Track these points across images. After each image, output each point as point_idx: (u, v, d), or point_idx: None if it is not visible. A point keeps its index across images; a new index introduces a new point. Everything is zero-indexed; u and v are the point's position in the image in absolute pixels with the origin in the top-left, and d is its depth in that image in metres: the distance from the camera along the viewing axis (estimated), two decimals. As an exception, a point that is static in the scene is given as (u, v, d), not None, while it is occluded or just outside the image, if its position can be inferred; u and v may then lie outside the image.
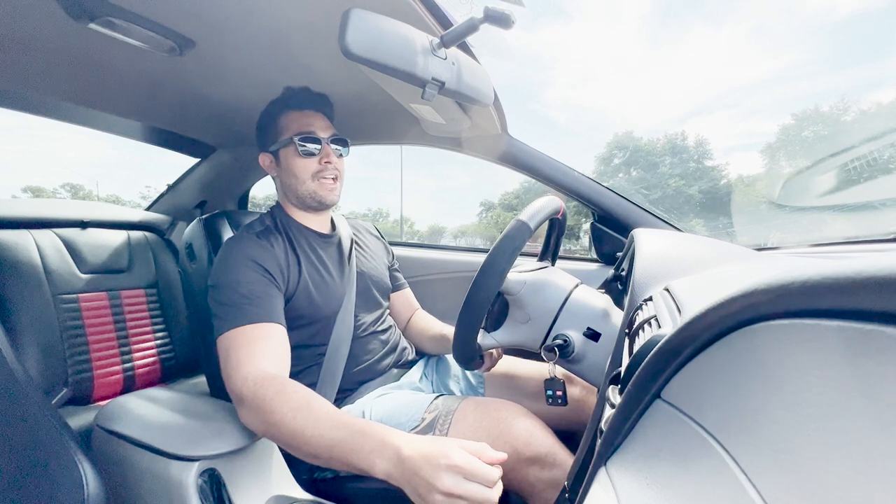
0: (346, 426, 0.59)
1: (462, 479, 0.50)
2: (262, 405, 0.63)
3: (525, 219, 0.71)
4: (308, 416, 0.61)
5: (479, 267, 0.68)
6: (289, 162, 0.91)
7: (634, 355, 0.36)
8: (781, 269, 0.20)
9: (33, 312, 1.09)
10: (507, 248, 0.67)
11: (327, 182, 0.92)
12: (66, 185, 54.22)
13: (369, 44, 0.54)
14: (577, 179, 1.19)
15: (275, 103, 0.93)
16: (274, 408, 0.62)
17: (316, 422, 0.60)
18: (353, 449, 0.57)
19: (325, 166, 0.91)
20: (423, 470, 0.51)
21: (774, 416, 0.20)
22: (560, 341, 0.72)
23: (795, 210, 0.96)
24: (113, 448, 0.70)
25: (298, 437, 0.60)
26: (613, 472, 0.32)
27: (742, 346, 0.23)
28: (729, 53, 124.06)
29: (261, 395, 0.64)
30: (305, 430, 0.60)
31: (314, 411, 0.62)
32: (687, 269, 0.53)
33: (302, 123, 0.90)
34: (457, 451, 0.52)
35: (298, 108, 0.92)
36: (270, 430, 0.64)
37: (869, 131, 0.82)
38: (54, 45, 0.76)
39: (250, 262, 0.80)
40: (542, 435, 0.72)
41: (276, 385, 0.65)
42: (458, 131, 1.17)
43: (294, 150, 0.89)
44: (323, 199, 0.93)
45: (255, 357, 0.70)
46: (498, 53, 0.76)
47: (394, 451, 0.55)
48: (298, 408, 0.62)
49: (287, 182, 0.93)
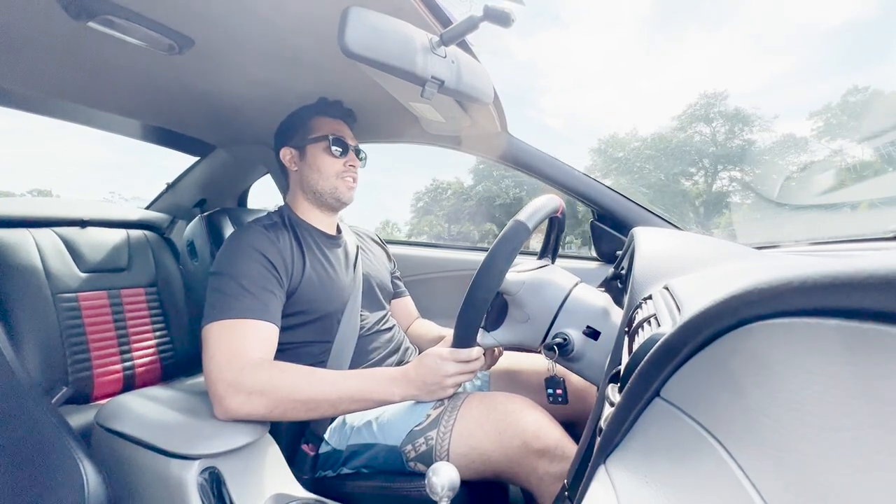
0: (353, 376, 0.75)
1: (456, 367, 0.74)
2: (268, 384, 0.69)
3: (523, 219, 0.70)
4: (317, 380, 0.72)
5: (478, 266, 0.68)
6: (317, 158, 0.96)
7: (634, 354, 0.36)
8: (781, 267, 0.20)
9: (33, 311, 1.09)
10: (505, 249, 0.67)
11: (347, 181, 0.98)
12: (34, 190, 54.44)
13: (368, 42, 0.54)
14: (577, 178, 1.19)
15: (309, 107, 1.01)
16: (282, 383, 0.70)
17: (326, 382, 0.72)
18: (370, 389, 0.73)
19: (349, 169, 0.98)
20: (430, 377, 0.74)
21: (773, 414, 0.20)
22: (560, 340, 0.72)
23: (795, 209, 0.96)
24: (113, 447, 0.70)
25: (316, 399, 0.70)
26: (613, 469, 0.32)
27: (741, 344, 0.23)
28: (722, 62, 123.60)
29: (263, 376, 0.69)
30: (322, 391, 0.71)
31: (319, 374, 0.73)
32: (686, 267, 0.53)
33: (334, 128, 0.98)
34: (442, 358, 0.74)
35: (332, 116, 1.00)
36: (281, 406, 0.69)
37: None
38: (53, 44, 0.76)
39: (255, 253, 0.81)
40: (551, 427, 0.72)
41: (276, 366, 0.73)
42: (458, 130, 1.17)
43: (325, 147, 0.95)
44: (341, 196, 0.97)
45: (250, 349, 0.72)
46: (497, 55, 0.77)
47: (402, 377, 0.75)
48: (305, 376, 0.72)
49: (308, 176, 0.96)
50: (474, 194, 35.74)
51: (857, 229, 0.90)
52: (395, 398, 0.75)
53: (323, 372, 0.75)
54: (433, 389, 0.75)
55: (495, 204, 33.74)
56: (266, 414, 0.69)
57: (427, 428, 0.75)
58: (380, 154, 12.00)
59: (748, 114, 30.89)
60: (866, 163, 2.38)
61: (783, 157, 31.51)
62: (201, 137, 1.38)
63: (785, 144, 31.38)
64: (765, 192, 1.05)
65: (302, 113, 1.00)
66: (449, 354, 0.74)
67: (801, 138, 31.52)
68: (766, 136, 31.08)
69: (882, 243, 0.82)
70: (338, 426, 0.83)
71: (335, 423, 0.84)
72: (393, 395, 0.74)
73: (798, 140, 31.44)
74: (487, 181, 30.71)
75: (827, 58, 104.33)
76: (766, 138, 31.02)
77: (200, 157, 1.54)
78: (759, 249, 0.99)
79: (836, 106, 31.32)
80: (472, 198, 35.92)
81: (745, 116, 30.85)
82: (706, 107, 31.52)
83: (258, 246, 0.82)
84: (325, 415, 0.73)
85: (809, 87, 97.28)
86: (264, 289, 0.78)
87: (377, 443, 0.77)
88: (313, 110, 0.99)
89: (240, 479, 0.67)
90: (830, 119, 31.43)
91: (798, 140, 31.44)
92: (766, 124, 30.88)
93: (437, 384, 0.74)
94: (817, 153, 31.20)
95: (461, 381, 0.76)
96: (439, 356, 0.75)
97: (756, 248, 0.94)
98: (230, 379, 0.68)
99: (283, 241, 0.87)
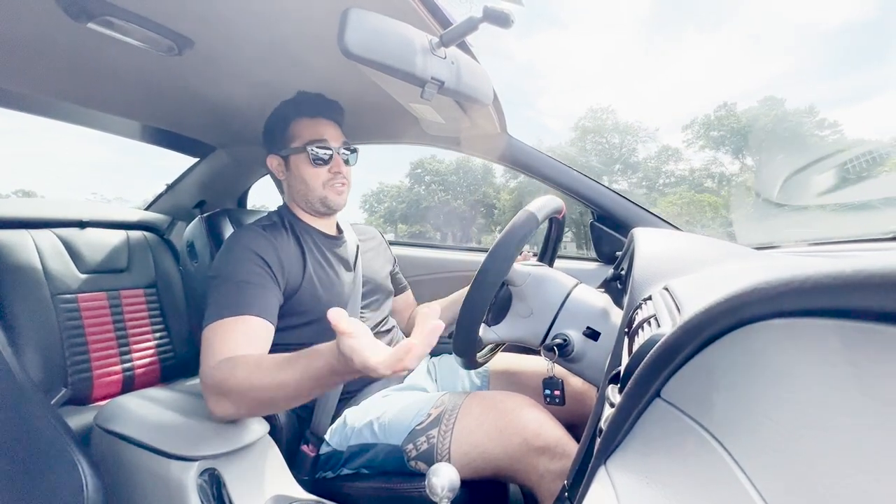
0: (296, 360, 0.60)
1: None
2: (223, 385, 0.64)
3: (534, 210, 0.73)
4: (262, 371, 0.62)
5: (486, 255, 0.69)
6: (300, 169, 0.91)
7: (634, 354, 0.36)
8: (780, 268, 0.20)
9: (32, 312, 1.09)
10: (515, 235, 0.69)
11: (335, 188, 0.93)
12: (19, 191, 54.67)
13: (368, 43, 0.54)
14: (577, 179, 1.19)
15: (287, 105, 0.93)
16: (232, 383, 0.63)
17: (270, 371, 0.61)
18: (320, 371, 0.58)
19: (335, 176, 0.92)
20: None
21: (774, 414, 0.20)
22: (560, 340, 0.72)
23: (795, 209, 0.96)
24: (112, 448, 0.70)
25: (267, 391, 0.61)
26: (613, 470, 0.32)
27: (741, 344, 0.23)
28: (719, 63, 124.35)
29: (219, 377, 0.65)
30: (267, 383, 0.61)
31: (264, 365, 0.63)
32: (686, 268, 0.53)
33: (314, 132, 0.90)
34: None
35: (311, 116, 0.92)
36: (242, 403, 0.64)
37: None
38: (53, 45, 0.76)
39: (251, 254, 0.80)
40: (551, 425, 0.72)
41: (230, 363, 0.66)
42: (458, 131, 1.17)
43: (306, 158, 0.90)
44: (332, 203, 0.93)
45: (231, 348, 0.69)
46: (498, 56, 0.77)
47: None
48: (251, 370, 0.63)
49: (296, 187, 0.93)
50: (407, 198, 38.66)
51: (856, 229, 0.90)
52: (353, 376, 0.57)
53: (272, 358, 0.64)
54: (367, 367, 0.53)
55: (421, 206, 37.56)
56: (237, 412, 0.66)
57: (428, 427, 0.75)
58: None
59: (635, 127, 36.61)
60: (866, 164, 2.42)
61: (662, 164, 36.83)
62: (201, 138, 1.38)
63: (662, 154, 37.02)
64: (765, 192, 1.05)
65: (282, 112, 0.93)
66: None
67: (675, 148, 36.95)
68: (650, 146, 37.22)
69: (882, 243, 0.82)
70: (338, 427, 0.82)
71: (336, 423, 0.83)
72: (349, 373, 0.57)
73: (672, 150, 36.95)
74: (419, 185, 32.55)
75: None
76: (650, 148, 37.21)
77: (200, 158, 1.54)
78: (759, 249, 0.99)
79: (700, 121, 35.39)
80: (405, 200, 38.77)
81: (632, 129, 36.50)
82: (594, 119, 37.08)
83: (255, 247, 0.81)
84: (293, 402, 0.64)
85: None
86: (257, 286, 0.77)
87: (378, 443, 0.77)
88: (293, 109, 0.92)
89: (239, 481, 0.67)
90: (698, 131, 35.55)
91: (672, 150, 36.95)
92: (649, 136, 36.64)
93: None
94: (693, 161, 35.88)
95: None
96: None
97: (756, 248, 0.94)
98: (204, 380, 0.67)
99: (282, 242, 0.87)
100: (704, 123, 34.63)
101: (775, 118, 31.33)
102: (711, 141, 34.23)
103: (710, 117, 34.42)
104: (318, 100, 0.93)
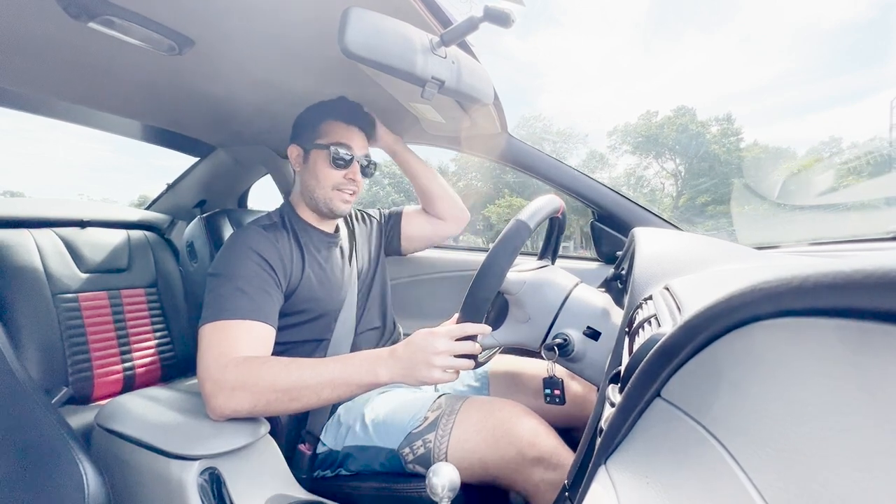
0: (334, 362, 0.70)
1: (449, 354, 0.67)
2: (248, 377, 0.67)
3: (524, 218, 0.70)
4: (297, 368, 0.69)
5: (479, 266, 0.68)
6: (317, 165, 0.92)
7: (634, 354, 0.36)
8: (780, 267, 0.20)
9: (33, 312, 1.09)
10: (506, 248, 0.67)
11: (344, 195, 0.93)
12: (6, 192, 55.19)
13: (369, 43, 0.54)
14: (577, 178, 1.19)
15: (326, 105, 0.95)
16: (261, 375, 0.68)
17: (306, 369, 0.69)
18: (352, 372, 0.69)
19: (349, 182, 0.92)
20: (418, 353, 0.67)
21: (774, 414, 0.21)
22: (560, 340, 0.72)
23: (795, 209, 0.96)
24: (113, 447, 0.70)
25: (297, 387, 0.67)
26: (613, 470, 0.32)
27: (742, 344, 0.23)
28: (718, 62, 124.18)
29: (244, 371, 0.68)
30: (301, 379, 0.67)
31: (299, 363, 0.70)
32: (687, 268, 0.53)
33: (343, 135, 0.92)
34: (433, 334, 0.68)
35: (346, 122, 0.93)
36: (263, 398, 0.67)
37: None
38: (53, 45, 0.76)
39: (252, 254, 0.80)
40: (547, 435, 0.72)
41: (257, 359, 0.71)
42: (458, 130, 1.17)
43: (326, 156, 0.90)
44: (334, 208, 0.93)
45: (239, 349, 0.71)
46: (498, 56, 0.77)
47: (389, 355, 0.69)
48: (285, 366, 0.69)
49: (307, 181, 0.94)
50: (362, 198, 40.52)
51: (857, 229, 0.90)
52: (381, 379, 0.68)
53: (304, 360, 0.71)
54: (420, 369, 0.67)
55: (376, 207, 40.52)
56: (250, 408, 0.68)
57: (424, 431, 0.74)
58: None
59: (568, 133, 39.47)
60: (866, 164, 2.41)
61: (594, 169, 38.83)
62: (201, 138, 1.38)
63: (592, 157, 39.48)
64: (765, 192, 1.05)
65: (317, 111, 0.95)
66: (442, 331, 0.68)
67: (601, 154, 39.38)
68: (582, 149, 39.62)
69: (882, 243, 0.82)
70: (333, 425, 0.83)
71: (330, 421, 0.83)
72: (378, 375, 0.68)
73: (598, 155, 39.35)
74: (375, 186, 33.12)
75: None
76: (581, 152, 39.61)
77: (200, 158, 1.54)
78: (759, 249, 0.99)
79: (621, 128, 37.51)
80: (361, 202, 40.56)
81: (567, 135, 39.30)
82: (526, 128, 39.53)
83: (256, 247, 0.81)
84: (309, 404, 0.69)
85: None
86: (260, 289, 0.78)
87: (373, 445, 0.77)
88: (328, 112, 0.94)
89: (240, 480, 0.67)
90: (618, 138, 37.86)
91: (598, 155, 39.35)
92: (580, 141, 39.43)
93: (425, 362, 0.67)
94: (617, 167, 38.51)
95: (449, 365, 0.68)
96: (430, 332, 0.69)
97: (756, 248, 0.94)
98: (215, 377, 0.68)
99: (281, 241, 0.87)
100: (625, 131, 37.00)
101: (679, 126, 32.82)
102: (632, 146, 36.44)
103: (630, 125, 36.86)
104: (357, 109, 0.96)
